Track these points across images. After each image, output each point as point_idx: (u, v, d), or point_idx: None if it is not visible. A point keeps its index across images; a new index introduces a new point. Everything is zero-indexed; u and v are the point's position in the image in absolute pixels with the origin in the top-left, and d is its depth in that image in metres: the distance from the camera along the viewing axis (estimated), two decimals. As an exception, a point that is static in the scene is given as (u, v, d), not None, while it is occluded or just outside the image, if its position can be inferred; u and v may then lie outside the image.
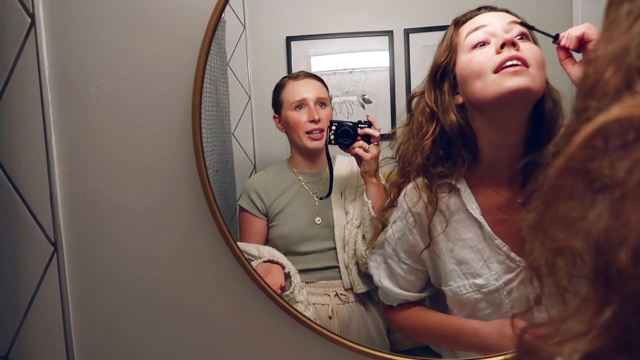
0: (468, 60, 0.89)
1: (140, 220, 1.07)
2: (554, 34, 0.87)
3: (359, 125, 1.09)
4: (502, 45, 0.85)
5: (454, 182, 0.93)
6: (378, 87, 1.18)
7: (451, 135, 0.91)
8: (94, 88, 1.05)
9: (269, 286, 1.02)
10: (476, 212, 0.90)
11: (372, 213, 1.06)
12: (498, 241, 0.89)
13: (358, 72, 1.18)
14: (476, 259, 0.90)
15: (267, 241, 1.12)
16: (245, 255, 1.04)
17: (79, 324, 1.10)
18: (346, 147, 1.09)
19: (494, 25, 0.89)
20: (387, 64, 1.17)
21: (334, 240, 1.10)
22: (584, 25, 0.83)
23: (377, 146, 1.07)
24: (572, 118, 0.34)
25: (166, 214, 1.07)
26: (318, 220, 1.11)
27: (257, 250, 1.07)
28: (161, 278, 1.08)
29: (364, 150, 1.07)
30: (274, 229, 1.11)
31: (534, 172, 0.86)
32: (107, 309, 1.09)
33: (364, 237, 1.09)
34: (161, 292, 1.08)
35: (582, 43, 0.83)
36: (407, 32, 1.17)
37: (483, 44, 0.88)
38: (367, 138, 1.08)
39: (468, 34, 0.90)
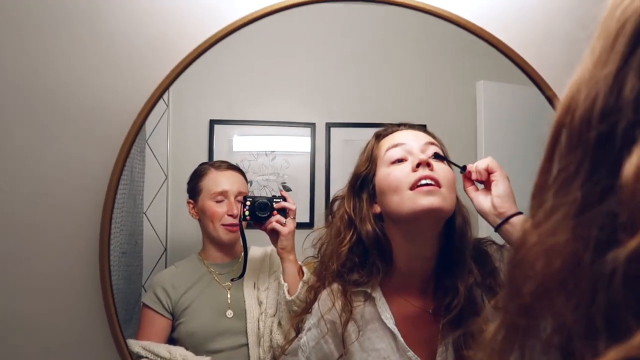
0: (387, 174, 0.93)
1: (32, 331, 0.99)
2: (461, 165, 0.95)
3: (274, 200, 1.08)
4: (418, 165, 0.90)
5: (369, 291, 0.94)
6: (298, 175, 1.20)
7: (368, 243, 0.94)
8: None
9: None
10: (390, 323, 0.92)
11: (288, 297, 1.04)
12: (410, 353, 0.90)
13: (280, 156, 1.20)
14: (389, 371, 0.91)
15: (175, 341, 1.05)
16: (152, 356, 0.97)
17: None
18: (262, 221, 1.07)
19: (411, 144, 0.94)
20: (308, 150, 1.20)
21: (247, 334, 1.06)
22: (487, 158, 0.92)
23: (294, 220, 1.07)
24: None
25: (63, 326, 1.00)
26: (229, 313, 1.08)
27: (167, 352, 1.00)
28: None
29: (281, 224, 1.06)
30: (181, 325, 1.05)
31: (444, 283, 0.91)
32: None
33: (280, 323, 1.06)
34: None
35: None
36: (329, 126, 1.22)
37: (401, 160, 0.93)
38: (283, 212, 1.07)
39: (388, 149, 0.95)
